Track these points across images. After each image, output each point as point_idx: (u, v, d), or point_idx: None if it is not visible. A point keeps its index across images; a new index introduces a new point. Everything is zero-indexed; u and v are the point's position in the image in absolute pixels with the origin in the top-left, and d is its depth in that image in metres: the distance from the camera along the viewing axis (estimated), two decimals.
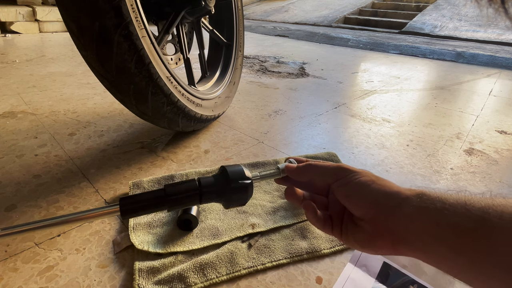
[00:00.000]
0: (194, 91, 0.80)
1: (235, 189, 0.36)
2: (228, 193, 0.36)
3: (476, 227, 0.23)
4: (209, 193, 0.36)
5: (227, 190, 0.36)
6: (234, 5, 1.04)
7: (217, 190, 0.36)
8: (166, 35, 0.76)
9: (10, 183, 0.63)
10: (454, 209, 0.25)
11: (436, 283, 0.44)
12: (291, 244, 0.50)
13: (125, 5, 0.54)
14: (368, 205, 0.29)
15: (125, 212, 0.33)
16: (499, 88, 1.61)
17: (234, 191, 0.36)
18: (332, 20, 3.95)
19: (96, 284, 0.42)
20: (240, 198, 0.37)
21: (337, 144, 0.88)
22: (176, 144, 0.83)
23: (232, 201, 0.37)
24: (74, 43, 0.57)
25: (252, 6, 5.16)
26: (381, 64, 2.09)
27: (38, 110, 1.00)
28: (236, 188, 0.36)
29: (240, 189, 0.36)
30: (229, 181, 0.36)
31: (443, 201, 0.26)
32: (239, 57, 1.09)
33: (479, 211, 0.23)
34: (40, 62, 1.60)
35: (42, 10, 2.55)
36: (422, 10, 3.94)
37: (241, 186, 0.36)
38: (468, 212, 0.24)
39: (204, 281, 0.43)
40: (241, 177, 0.37)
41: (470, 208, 0.24)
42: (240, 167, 0.38)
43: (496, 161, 0.83)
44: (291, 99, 1.25)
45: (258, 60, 1.96)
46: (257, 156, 0.79)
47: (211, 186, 0.36)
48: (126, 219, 0.52)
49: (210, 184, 0.36)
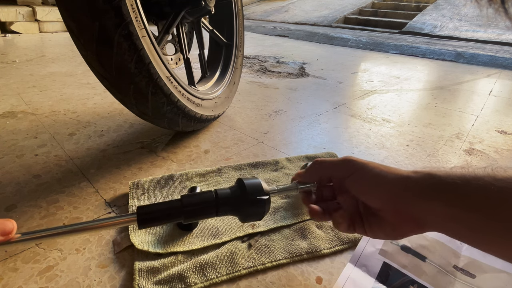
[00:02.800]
0: (194, 91, 0.80)
1: (253, 203, 0.35)
2: (245, 207, 0.36)
3: (484, 199, 0.25)
4: (226, 205, 0.35)
5: (244, 203, 0.36)
6: (234, 5, 1.04)
7: (234, 203, 0.36)
8: (166, 35, 0.76)
9: (10, 183, 0.63)
10: (464, 185, 0.27)
11: (436, 283, 0.44)
12: (291, 244, 0.50)
13: (125, 5, 0.54)
14: (386, 197, 0.31)
15: (142, 222, 0.33)
16: (499, 88, 1.61)
17: (252, 205, 0.36)
18: (332, 20, 3.95)
19: (96, 284, 0.42)
20: (257, 213, 0.37)
21: (337, 144, 0.88)
22: (176, 144, 0.83)
23: (249, 216, 0.37)
24: (74, 43, 0.57)
25: (252, 6, 5.16)
26: (381, 64, 2.09)
27: (38, 110, 1.00)
28: (254, 202, 0.35)
29: (257, 204, 0.36)
30: (246, 194, 0.35)
31: (451, 180, 0.28)
32: (239, 57, 1.09)
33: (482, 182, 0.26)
34: (40, 62, 1.60)
35: (42, 10, 2.55)
36: (422, 10, 3.94)
37: (259, 200, 0.36)
38: (477, 185, 0.26)
39: (204, 281, 0.43)
40: (258, 191, 0.36)
41: (477, 182, 0.26)
42: (258, 181, 0.37)
43: (496, 161, 0.83)
44: (291, 99, 1.25)
45: (258, 60, 1.96)
46: (257, 156, 0.79)
47: (228, 199, 0.36)
48: (142, 229, 0.52)
49: (227, 196, 0.36)
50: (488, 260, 0.47)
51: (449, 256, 0.48)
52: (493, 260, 0.47)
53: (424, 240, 0.51)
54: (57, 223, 0.53)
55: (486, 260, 0.47)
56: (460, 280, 0.44)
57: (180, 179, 0.65)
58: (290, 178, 0.67)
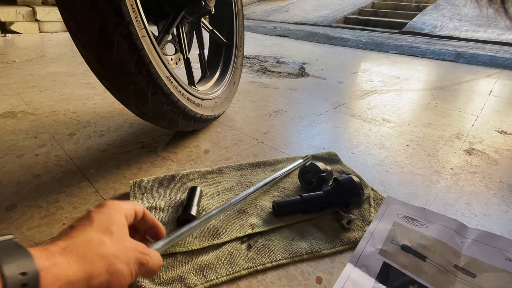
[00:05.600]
0: (194, 91, 0.80)
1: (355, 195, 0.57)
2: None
3: None
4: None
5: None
6: (234, 5, 1.04)
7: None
8: (166, 35, 0.76)
9: (10, 183, 0.63)
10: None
11: (437, 283, 0.44)
12: (291, 244, 0.50)
13: (125, 5, 0.54)
14: None
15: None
16: (499, 88, 1.61)
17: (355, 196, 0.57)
18: (332, 20, 3.95)
19: None
20: (355, 201, 0.58)
21: (337, 144, 0.88)
22: (176, 144, 0.83)
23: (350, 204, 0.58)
24: (74, 43, 0.57)
25: (252, 6, 5.16)
26: (381, 64, 2.09)
27: (38, 110, 1.00)
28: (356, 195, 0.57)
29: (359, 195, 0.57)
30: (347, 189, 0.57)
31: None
32: (239, 57, 1.09)
33: None
34: (40, 62, 1.60)
35: (42, 10, 2.55)
36: (422, 10, 3.94)
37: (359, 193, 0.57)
38: None
39: (204, 282, 0.43)
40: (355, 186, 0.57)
41: None
42: (350, 177, 0.58)
43: (496, 161, 0.83)
44: (291, 99, 1.25)
45: (258, 60, 1.96)
46: (257, 156, 0.79)
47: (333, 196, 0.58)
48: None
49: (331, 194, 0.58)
50: (489, 259, 0.47)
51: (450, 255, 0.48)
52: (493, 260, 0.47)
53: (424, 240, 0.51)
54: (57, 223, 0.53)
55: (487, 259, 0.47)
56: (460, 279, 0.44)
57: (181, 179, 0.65)
58: (290, 178, 0.67)
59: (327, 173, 0.62)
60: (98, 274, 0.27)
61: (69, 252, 0.26)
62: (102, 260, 0.27)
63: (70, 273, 0.25)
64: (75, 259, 0.26)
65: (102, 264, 0.27)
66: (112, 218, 0.31)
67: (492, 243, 0.50)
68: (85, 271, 0.26)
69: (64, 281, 0.24)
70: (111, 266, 0.27)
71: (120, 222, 0.32)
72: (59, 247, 0.26)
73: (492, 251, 0.48)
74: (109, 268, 0.27)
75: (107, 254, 0.28)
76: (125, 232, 0.31)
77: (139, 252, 0.31)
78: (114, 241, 0.29)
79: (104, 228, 0.30)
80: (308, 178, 0.63)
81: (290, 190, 0.64)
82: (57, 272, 0.24)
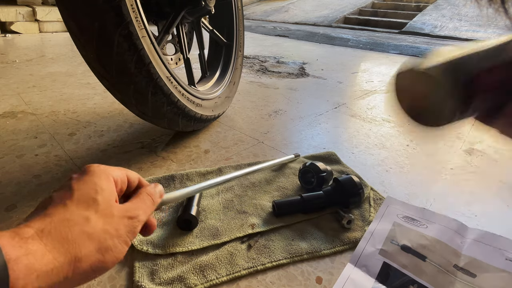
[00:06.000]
0: (194, 91, 0.80)
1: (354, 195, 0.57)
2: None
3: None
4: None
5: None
6: (234, 5, 1.04)
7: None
8: (166, 35, 0.76)
9: (10, 183, 0.63)
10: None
11: (437, 283, 0.44)
12: (291, 244, 0.50)
13: (125, 5, 0.54)
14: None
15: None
16: None
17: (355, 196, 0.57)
18: (332, 20, 3.95)
19: (96, 284, 0.42)
20: (355, 201, 0.58)
21: (337, 144, 0.88)
22: (176, 144, 0.83)
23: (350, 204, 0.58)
24: (74, 43, 0.57)
25: (252, 6, 5.16)
26: (381, 64, 2.09)
27: (38, 110, 1.00)
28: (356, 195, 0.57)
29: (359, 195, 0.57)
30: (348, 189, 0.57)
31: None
32: (239, 57, 1.09)
33: None
34: (40, 62, 1.60)
35: (42, 10, 2.55)
36: (422, 10, 3.94)
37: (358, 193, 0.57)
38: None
39: (204, 282, 0.43)
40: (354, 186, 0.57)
41: None
42: (350, 176, 0.58)
43: (496, 161, 0.83)
44: (291, 99, 1.25)
45: (258, 60, 1.96)
46: (257, 156, 0.79)
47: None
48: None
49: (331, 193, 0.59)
50: (489, 259, 0.47)
51: (450, 255, 0.48)
52: (493, 260, 0.47)
53: (424, 240, 0.51)
54: None
55: (487, 259, 0.47)
56: (460, 279, 0.44)
57: (181, 179, 0.65)
58: (290, 178, 0.67)
59: (327, 173, 0.62)
60: (87, 255, 0.23)
61: (46, 234, 0.22)
62: (89, 239, 0.23)
63: (48, 261, 0.21)
64: (55, 243, 0.22)
65: (89, 244, 0.23)
66: (96, 186, 0.26)
67: (492, 243, 0.50)
68: (69, 254, 0.22)
69: (41, 271, 0.21)
70: (101, 244, 0.24)
71: (107, 189, 0.27)
72: (33, 230, 0.22)
73: (492, 251, 0.48)
74: (99, 246, 0.24)
75: (94, 231, 0.24)
76: (112, 200, 0.27)
77: (128, 219, 0.27)
78: (100, 214, 0.25)
79: (88, 200, 0.25)
80: (308, 178, 0.63)
81: (290, 190, 0.64)
82: (31, 262, 0.20)
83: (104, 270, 0.25)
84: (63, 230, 0.23)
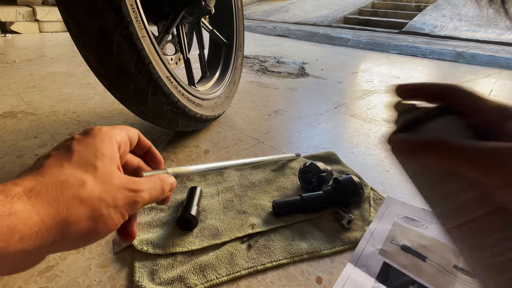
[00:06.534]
0: (194, 91, 0.80)
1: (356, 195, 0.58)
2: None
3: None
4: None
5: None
6: (234, 5, 1.04)
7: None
8: (166, 35, 0.76)
9: None
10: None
11: (436, 283, 0.44)
12: (291, 244, 0.50)
13: (125, 5, 0.54)
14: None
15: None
16: (499, 88, 1.61)
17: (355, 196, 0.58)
18: (332, 20, 3.95)
19: (96, 284, 0.42)
20: (355, 201, 0.59)
21: (337, 144, 0.88)
22: (176, 144, 0.83)
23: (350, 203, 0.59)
24: (74, 43, 0.57)
25: (252, 6, 5.16)
26: (381, 64, 2.09)
27: (38, 110, 1.00)
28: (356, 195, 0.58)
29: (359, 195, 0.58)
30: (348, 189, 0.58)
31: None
32: (239, 57, 1.09)
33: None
34: (40, 62, 1.60)
35: (42, 10, 2.55)
36: (422, 10, 3.94)
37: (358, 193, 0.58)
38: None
39: (204, 282, 0.43)
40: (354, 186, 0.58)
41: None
42: (350, 176, 0.59)
43: None
44: (291, 99, 1.25)
45: (258, 60, 1.96)
46: (257, 156, 0.78)
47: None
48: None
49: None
50: None
51: (449, 255, 0.48)
52: None
53: (424, 240, 0.51)
54: None
55: None
56: (460, 279, 0.44)
57: (181, 179, 0.65)
58: (289, 178, 0.67)
59: (327, 173, 0.62)
60: (77, 221, 0.21)
61: (36, 194, 0.20)
62: (82, 205, 0.22)
63: (34, 223, 0.19)
64: (44, 203, 0.20)
65: (82, 209, 0.22)
66: (98, 150, 0.24)
67: None
68: (58, 216, 0.20)
69: (25, 233, 0.19)
70: (94, 211, 0.22)
71: (109, 155, 0.25)
72: (21, 188, 0.20)
73: None
74: (92, 214, 0.22)
75: (88, 197, 0.22)
76: (113, 167, 0.25)
77: (129, 191, 0.25)
78: (98, 179, 0.23)
79: (87, 163, 0.23)
80: (308, 178, 0.63)
81: (290, 190, 0.64)
82: (14, 223, 0.18)
83: (94, 239, 0.23)
84: (55, 192, 0.21)
